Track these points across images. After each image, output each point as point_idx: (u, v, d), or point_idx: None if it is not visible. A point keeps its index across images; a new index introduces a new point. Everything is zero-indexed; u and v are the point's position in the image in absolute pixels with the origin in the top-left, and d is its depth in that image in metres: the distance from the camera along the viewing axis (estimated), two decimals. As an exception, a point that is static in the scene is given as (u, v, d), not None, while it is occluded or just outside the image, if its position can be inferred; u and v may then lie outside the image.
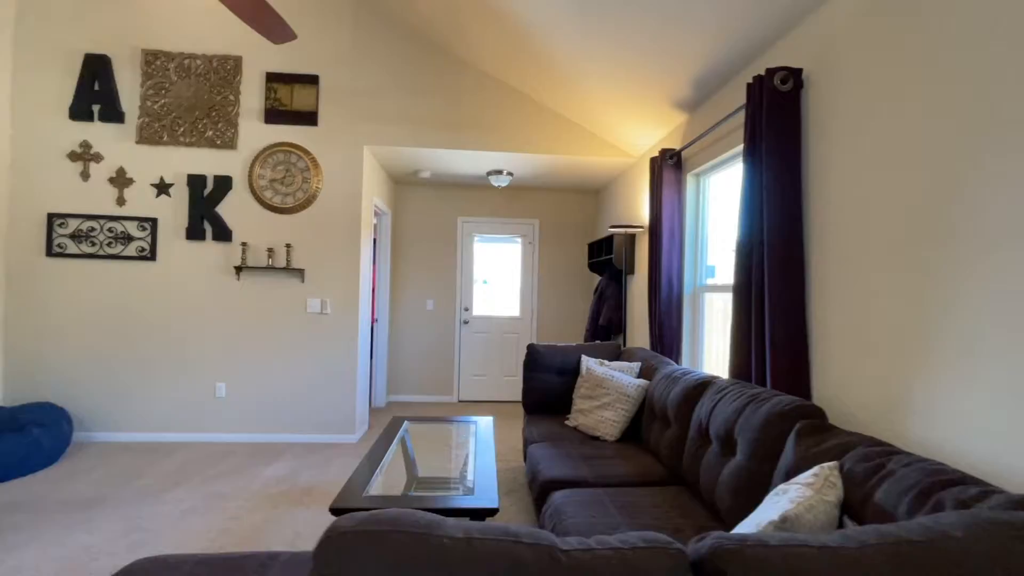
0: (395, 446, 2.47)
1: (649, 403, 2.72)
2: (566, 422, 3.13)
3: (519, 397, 5.65)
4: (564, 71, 3.48)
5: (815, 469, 1.29)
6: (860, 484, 1.22)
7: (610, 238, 4.37)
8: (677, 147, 3.32)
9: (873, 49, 1.70)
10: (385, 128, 4.05)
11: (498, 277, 5.72)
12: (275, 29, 2.50)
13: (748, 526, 1.15)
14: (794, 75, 2.02)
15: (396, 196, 5.53)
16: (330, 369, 4.03)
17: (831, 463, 1.31)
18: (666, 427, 2.46)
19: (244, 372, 3.98)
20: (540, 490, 2.21)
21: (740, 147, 2.63)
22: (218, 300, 3.96)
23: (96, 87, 3.85)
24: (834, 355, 1.86)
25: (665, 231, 3.19)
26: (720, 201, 3.11)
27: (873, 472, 1.22)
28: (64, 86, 3.85)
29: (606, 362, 3.21)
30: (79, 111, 3.84)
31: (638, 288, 4.03)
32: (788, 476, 1.46)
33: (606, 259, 4.54)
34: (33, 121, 3.83)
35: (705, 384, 2.27)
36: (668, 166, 3.20)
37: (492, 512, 1.79)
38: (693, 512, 1.88)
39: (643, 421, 2.77)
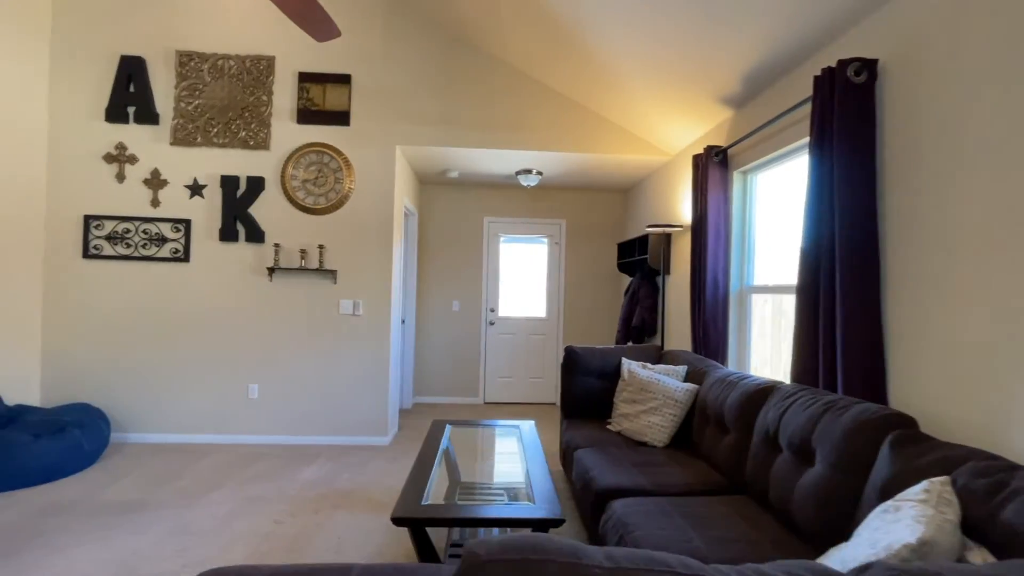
0: (442, 452, 2.41)
1: (700, 408, 2.63)
2: (608, 426, 3.06)
3: (546, 399, 5.58)
4: (603, 67, 3.41)
5: (924, 484, 1.21)
6: (981, 502, 1.14)
7: (643, 238, 4.29)
8: (722, 144, 3.22)
9: (973, 33, 1.61)
10: (417, 128, 4.01)
11: (524, 278, 5.66)
12: (321, 26, 2.46)
13: (867, 547, 1.07)
14: (868, 66, 1.93)
15: (422, 196, 5.50)
16: (362, 371, 3.99)
17: (942, 478, 1.22)
18: (723, 433, 2.38)
19: (276, 373, 3.96)
20: (596, 498, 2.14)
21: (796, 143, 2.54)
22: (251, 301, 3.94)
23: (131, 89, 3.86)
24: (916, 359, 1.77)
25: (710, 230, 3.10)
26: (769, 199, 3.02)
27: (995, 489, 1.14)
28: (100, 88, 3.86)
29: (649, 365, 3.13)
30: (115, 113, 3.84)
31: (676, 289, 3.94)
32: (885, 490, 1.38)
33: (639, 259, 4.45)
34: (70, 124, 3.85)
35: (768, 389, 2.18)
36: (713, 163, 3.11)
37: (557, 523, 1.73)
38: (765, 524, 1.80)
39: (693, 426, 2.69)
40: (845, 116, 1.95)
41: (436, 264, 5.50)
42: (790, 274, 2.78)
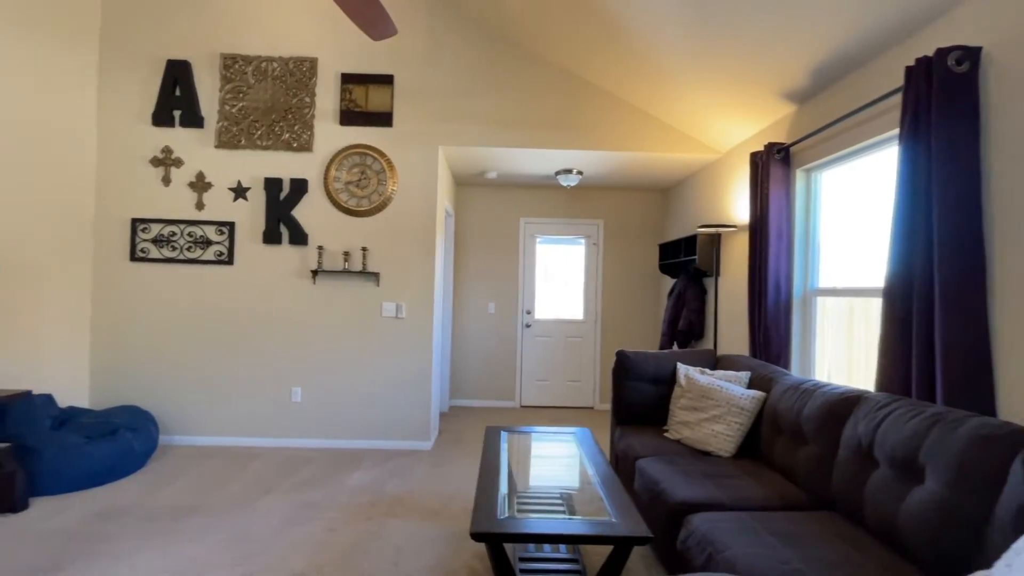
0: (505, 462, 2.34)
1: (770, 417, 2.51)
2: (665, 434, 2.95)
3: (583, 403, 5.48)
4: (653, 63, 3.31)
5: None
6: None
7: (690, 238, 4.17)
8: (783, 140, 3.10)
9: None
10: (460, 127, 3.95)
11: (561, 279, 5.57)
12: (378, 23, 2.41)
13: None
14: (971, 55, 1.80)
15: (458, 197, 5.45)
16: (405, 374, 3.95)
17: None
18: (800, 444, 2.26)
19: (319, 377, 3.93)
20: (671, 512, 2.04)
21: (875, 139, 2.41)
22: (293, 304, 3.93)
23: (177, 92, 3.88)
24: (1033, 370, 1.63)
25: (772, 231, 2.98)
26: (835, 198, 2.88)
27: None
28: (147, 93, 3.89)
29: (707, 371, 3.01)
30: (161, 117, 3.87)
31: (729, 291, 3.81)
32: (1022, 513, 1.26)
33: (685, 260, 4.33)
34: (117, 128, 3.88)
35: (853, 399, 2.05)
36: (775, 161, 2.99)
37: (644, 541, 1.63)
38: (866, 544, 1.68)
39: (762, 436, 2.57)
40: (944, 108, 1.82)
41: (472, 266, 5.44)
42: (863, 276, 2.64)
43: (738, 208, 3.70)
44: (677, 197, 5.04)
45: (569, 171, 4.62)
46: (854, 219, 2.72)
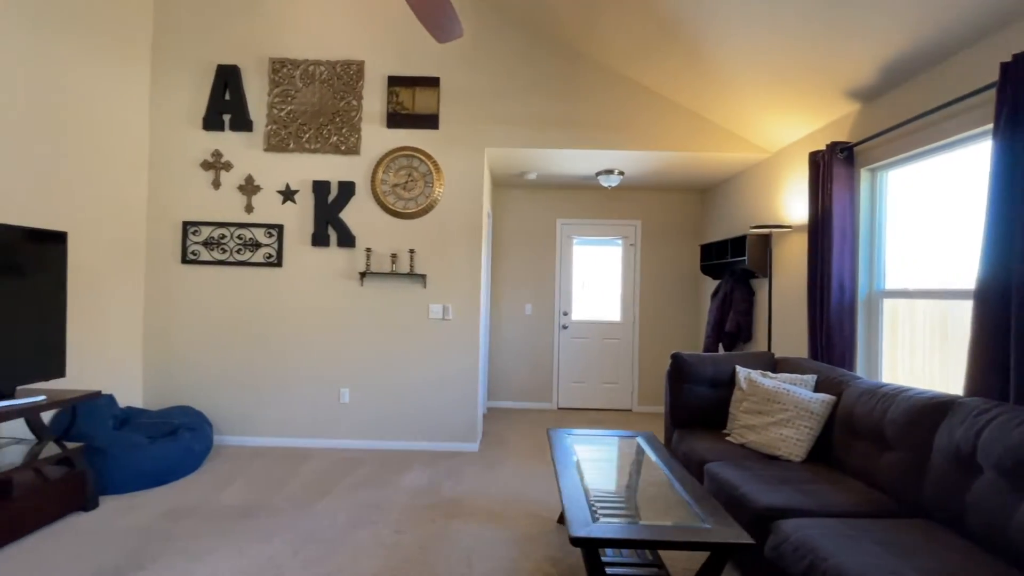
0: (579, 465, 2.32)
1: (844, 421, 2.47)
2: (727, 438, 2.91)
3: (621, 405, 5.44)
4: (709, 63, 3.27)
5: None
6: None
7: (738, 239, 4.11)
8: (846, 139, 3.04)
9: None
10: (505, 129, 3.95)
11: (598, 280, 5.54)
12: (447, 26, 2.40)
13: None
14: (1078, 49, 1.75)
15: (495, 198, 5.44)
16: (451, 376, 3.95)
17: None
18: (882, 449, 2.21)
19: (367, 378, 3.95)
20: (755, 518, 2.00)
21: (954, 137, 2.35)
22: (341, 306, 3.95)
23: (227, 97, 3.92)
24: None
25: (836, 231, 2.92)
26: (902, 198, 2.82)
27: None
28: (197, 97, 3.93)
29: (769, 374, 2.97)
30: (211, 121, 3.91)
31: (783, 292, 3.75)
32: None
33: (732, 261, 4.28)
34: (169, 132, 3.93)
35: (946, 404, 2.01)
36: (838, 160, 2.93)
37: (745, 547, 1.61)
38: (972, 554, 1.64)
39: (834, 440, 2.52)
40: (1047, 105, 1.77)
41: (508, 267, 5.44)
42: (936, 278, 2.58)
43: (791, 208, 3.65)
44: (718, 197, 4.98)
45: (611, 171, 4.59)
46: (926, 219, 2.66)
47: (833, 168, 2.94)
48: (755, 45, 2.92)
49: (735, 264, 4.36)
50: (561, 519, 2.76)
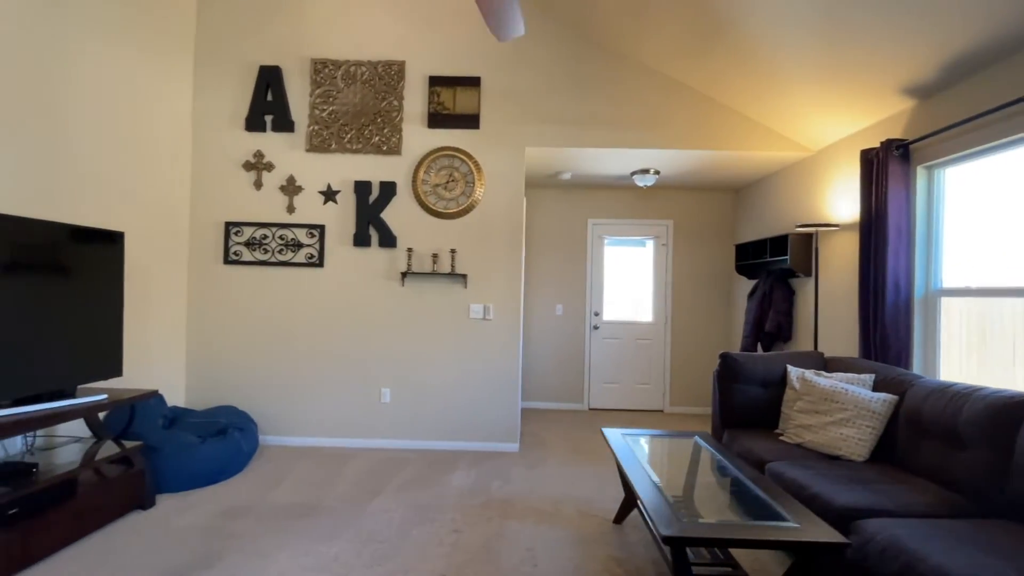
0: (639, 462, 2.31)
1: (910, 420, 2.44)
2: (781, 438, 2.89)
3: (653, 406, 5.42)
4: (757, 61, 3.25)
5: None
6: None
7: (778, 238, 4.08)
8: (897, 136, 3.01)
9: None
10: (546, 128, 3.95)
11: (629, 281, 5.52)
12: (507, 23, 2.41)
13: None
14: None
15: (527, 198, 5.44)
16: (492, 376, 3.95)
17: None
18: (956, 449, 2.18)
19: (408, 378, 3.96)
20: (834, 518, 1.98)
21: (1013, 137, 2.32)
22: (383, 306, 3.96)
23: (268, 97, 3.94)
24: None
25: (891, 230, 2.90)
26: (960, 196, 2.79)
27: None
28: (240, 98, 3.96)
29: (824, 373, 2.94)
30: (253, 122, 3.94)
31: (828, 292, 3.73)
32: None
33: (771, 260, 4.25)
34: (211, 133, 3.96)
35: (1028, 403, 1.98)
36: (893, 158, 2.91)
37: (842, 547, 1.59)
38: (1071, 555, 1.61)
39: (898, 440, 2.49)
40: None
41: (539, 267, 5.43)
42: (1000, 276, 2.55)
43: (837, 206, 3.62)
44: (753, 196, 4.96)
45: (646, 171, 4.57)
46: (987, 218, 2.63)
47: (889, 166, 2.91)
48: (807, 43, 2.91)
49: (774, 264, 4.33)
50: (618, 519, 2.74)
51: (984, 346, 2.68)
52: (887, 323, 2.92)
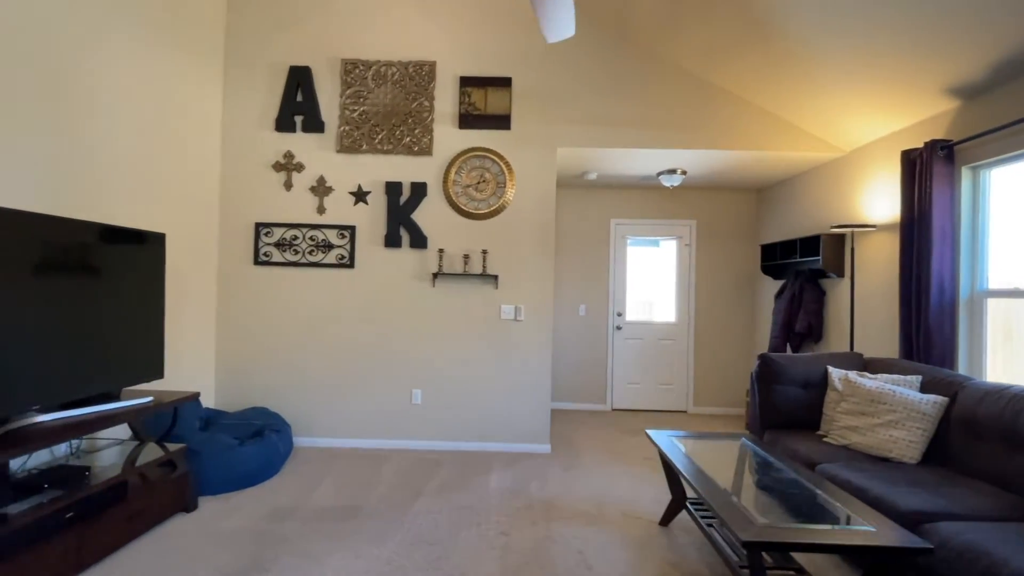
0: (696, 465, 2.30)
1: (964, 422, 2.43)
2: (825, 439, 2.88)
3: (676, 407, 5.41)
4: (795, 62, 3.24)
5: None
6: None
7: (808, 239, 4.07)
8: (939, 137, 3.01)
9: None
10: (577, 129, 3.94)
11: (652, 281, 5.51)
12: (560, 24, 2.39)
13: None
14: None
15: (548, 199, 5.42)
16: (523, 377, 3.93)
17: None
18: (1016, 452, 2.17)
19: (439, 379, 3.94)
20: (902, 522, 1.97)
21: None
22: (413, 307, 3.95)
23: (299, 98, 3.93)
24: None
25: (935, 230, 2.89)
26: (1006, 197, 2.78)
27: None
28: (270, 99, 3.94)
29: (867, 375, 2.93)
30: (283, 122, 3.92)
31: (865, 292, 3.72)
32: None
33: (802, 261, 4.24)
34: (241, 134, 3.94)
35: (1094, 405, 1.97)
36: (938, 159, 2.90)
37: (926, 552, 1.58)
38: None
39: (950, 442, 2.48)
40: None
41: (562, 268, 5.42)
42: (1052, 277, 2.54)
43: (872, 207, 3.61)
44: (778, 196, 4.95)
45: (673, 171, 4.56)
46: (1036, 218, 2.62)
47: (933, 166, 2.90)
48: (846, 44, 2.90)
49: (803, 264, 4.32)
50: (664, 522, 2.73)
51: (1009, 344, 2.71)
52: (931, 324, 2.91)
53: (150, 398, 2.62)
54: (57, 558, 2.00)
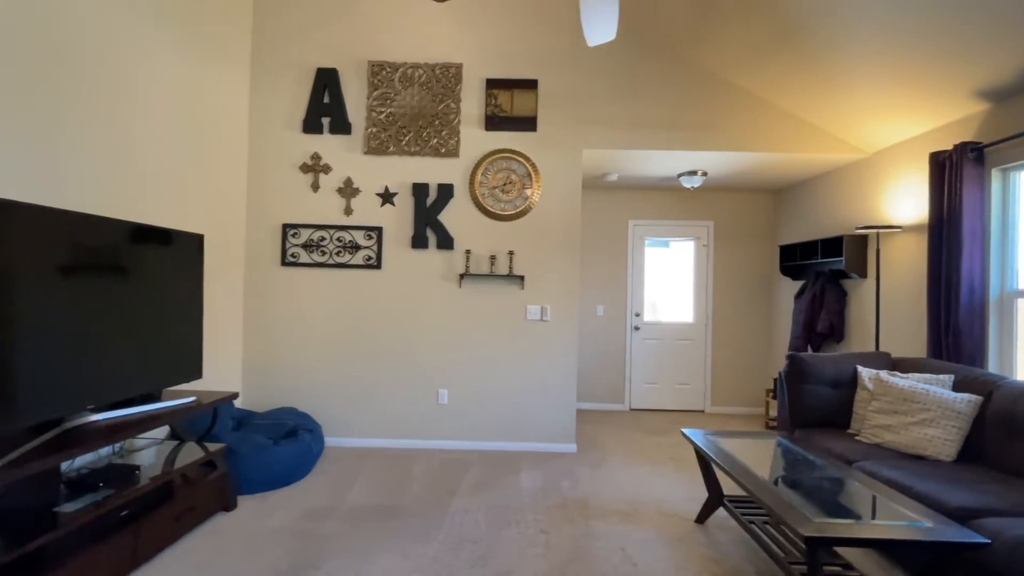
0: (741, 463, 2.32)
1: (1000, 420, 2.46)
2: (856, 438, 2.91)
3: (693, 407, 5.44)
4: (821, 66, 3.28)
5: None
6: None
7: (831, 240, 4.11)
8: (969, 139, 3.04)
9: None
10: (603, 131, 3.97)
11: (669, 282, 5.54)
12: (604, 26, 2.42)
13: None
14: None
15: (567, 200, 5.45)
16: (549, 377, 3.96)
17: None
18: (1056, 449, 2.21)
19: (465, 379, 3.97)
20: (951, 518, 2.00)
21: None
22: (440, 307, 3.97)
23: (326, 100, 3.95)
24: None
25: (965, 232, 2.93)
26: (1037, 197, 2.82)
27: None
28: (296, 100, 3.97)
29: (898, 374, 2.97)
30: (310, 124, 3.94)
31: (890, 293, 3.75)
32: None
33: (824, 262, 4.28)
34: (268, 135, 3.97)
35: None
36: (968, 161, 2.94)
37: (982, 547, 1.61)
38: None
39: (986, 440, 2.52)
40: None
41: (581, 269, 5.44)
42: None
43: (897, 208, 3.65)
44: (797, 198, 4.98)
45: (694, 172, 4.60)
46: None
47: (963, 168, 2.94)
48: (873, 47, 2.94)
49: (825, 265, 4.36)
50: (700, 519, 2.76)
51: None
52: (961, 324, 2.95)
53: (193, 398, 2.64)
54: (115, 555, 2.02)
